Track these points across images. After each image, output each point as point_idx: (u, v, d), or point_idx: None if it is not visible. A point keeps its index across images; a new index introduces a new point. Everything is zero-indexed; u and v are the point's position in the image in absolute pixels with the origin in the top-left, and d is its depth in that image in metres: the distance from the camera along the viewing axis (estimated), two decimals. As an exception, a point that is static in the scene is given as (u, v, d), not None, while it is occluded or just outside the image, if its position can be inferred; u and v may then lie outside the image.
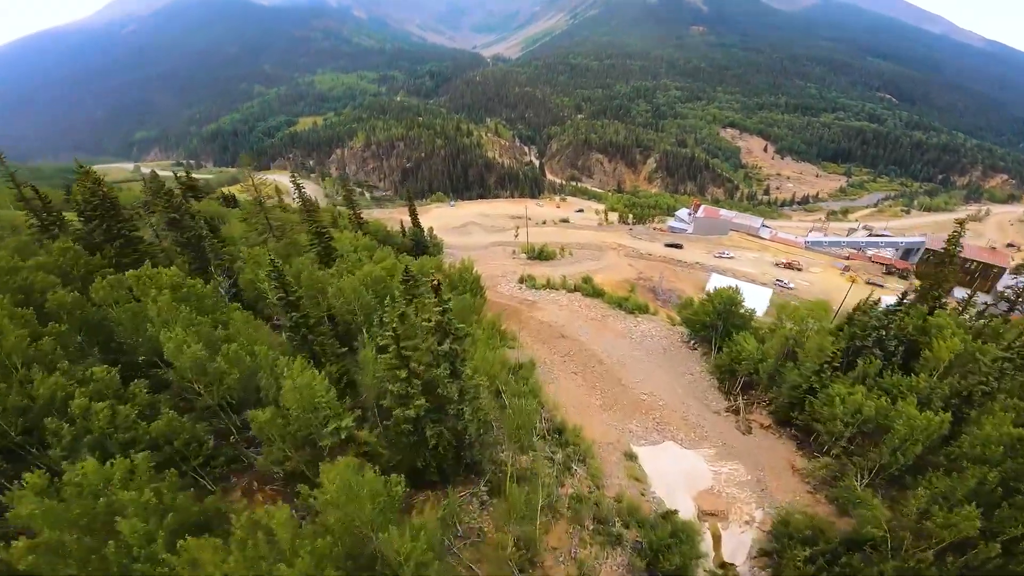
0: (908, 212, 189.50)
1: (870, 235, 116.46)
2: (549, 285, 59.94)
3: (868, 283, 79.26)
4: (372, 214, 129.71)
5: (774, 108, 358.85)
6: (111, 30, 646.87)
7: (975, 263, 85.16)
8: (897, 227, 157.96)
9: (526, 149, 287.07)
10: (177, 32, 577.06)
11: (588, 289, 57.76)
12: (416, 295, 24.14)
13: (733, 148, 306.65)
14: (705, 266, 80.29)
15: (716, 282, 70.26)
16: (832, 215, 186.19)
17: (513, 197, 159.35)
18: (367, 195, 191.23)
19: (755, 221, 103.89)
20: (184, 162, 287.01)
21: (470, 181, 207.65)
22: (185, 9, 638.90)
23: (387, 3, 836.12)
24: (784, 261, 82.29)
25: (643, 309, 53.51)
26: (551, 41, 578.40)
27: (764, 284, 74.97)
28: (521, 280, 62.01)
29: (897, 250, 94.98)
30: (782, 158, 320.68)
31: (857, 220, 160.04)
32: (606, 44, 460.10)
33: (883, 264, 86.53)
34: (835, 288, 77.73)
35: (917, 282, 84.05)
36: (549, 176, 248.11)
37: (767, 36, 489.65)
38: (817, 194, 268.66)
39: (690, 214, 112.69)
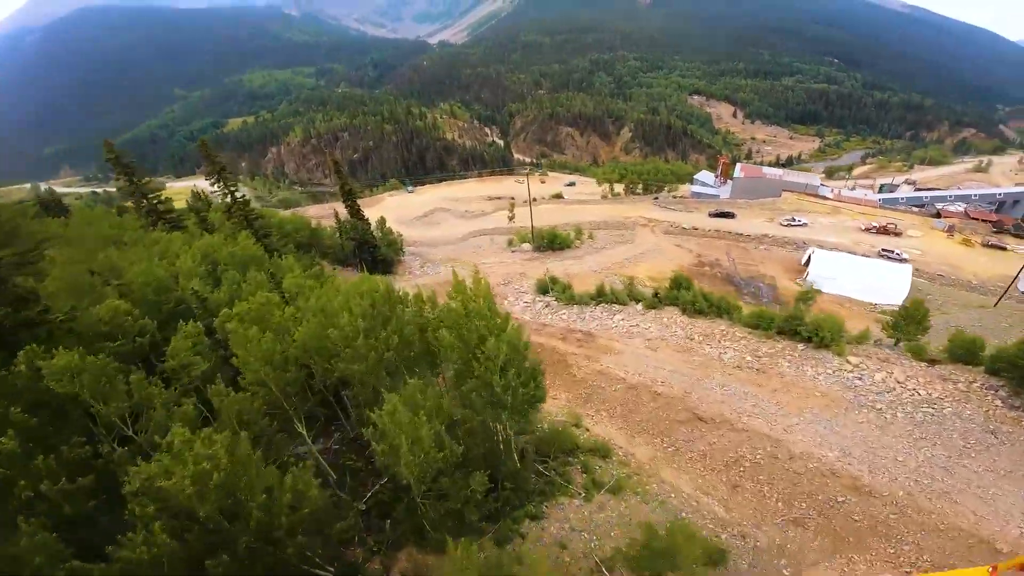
0: (911, 167, 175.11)
1: (916, 190, 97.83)
2: (602, 296, 34.42)
3: (987, 246, 58.45)
4: (307, 211, 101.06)
5: (736, 74, 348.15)
6: (12, 42, 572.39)
7: None
8: (920, 180, 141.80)
9: (487, 130, 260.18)
10: (85, 40, 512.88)
11: (688, 301, 32.14)
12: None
13: (703, 115, 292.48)
14: (777, 239, 57.29)
15: (822, 261, 46.96)
16: (837, 173, 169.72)
17: (482, 177, 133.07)
18: (300, 190, 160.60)
19: (813, 179, 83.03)
20: (98, 176, 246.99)
21: (428, 166, 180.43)
22: (92, 16, 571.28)
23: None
24: (876, 224, 60.57)
25: (834, 329, 27.45)
26: (498, 24, 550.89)
27: (869, 256, 52.50)
28: (543, 290, 36.44)
29: (992, 204, 76.40)
30: (752, 122, 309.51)
31: (892, 177, 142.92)
32: (556, 20, 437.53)
33: (987, 221, 66.26)
34: (956, 256, 56.64)
35: None
36: (517, 155, 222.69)
37: (713, 5, 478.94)
38: (799, 155, 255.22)
39: (717, 176, 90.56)
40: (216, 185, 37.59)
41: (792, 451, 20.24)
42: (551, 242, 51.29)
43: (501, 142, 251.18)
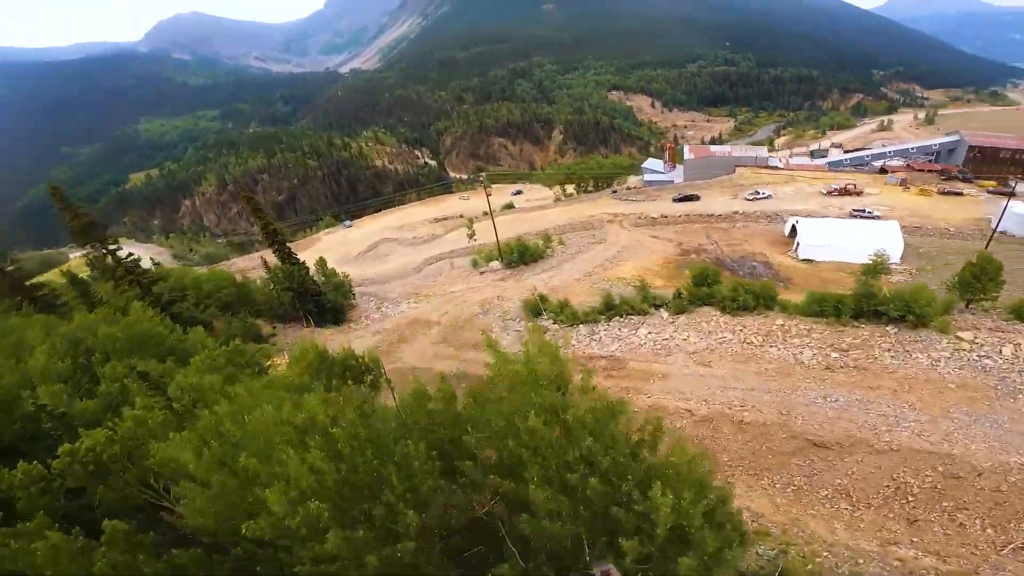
0: (823, 133, 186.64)
1: (844, 152, 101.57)
2: (612, 307, 28.56)
3: (943, 193, 59.37)
4: (234, 264, 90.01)
5: (646, 66, 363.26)
6: None
7: None
8: (843, 144, 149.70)
9: (417, 152, 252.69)
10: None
11: (728, 296, 26.84)
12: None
13: (625, 108, 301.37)
14: (749, 214, 54.92)
15: (809, 230, 44.28)
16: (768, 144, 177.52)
17: (422, 199, 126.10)
18: (223, 242, 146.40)
19: (761, 151, 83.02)
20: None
21: (362, 196, 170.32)
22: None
23: (216, 42, 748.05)
24: (837, 187, 60.09)
25: (929, 302, 22.79)
26: (409, 46, 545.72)
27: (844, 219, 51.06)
28: (534, 312, 30.32)
29: (930, 155, 79.21)
30: (670, 110, 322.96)
31: (818, 143, 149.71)
32: (467, 34, 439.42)
33: (933, 171, 68.05)
34: (921, 206, 56.73)
35: (986, 183, 66.49)
36: (452, 173, 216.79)
37: (610, 3, 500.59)
38: (719, 135, 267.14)
39: (666, 162, 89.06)
40: (89, 247, 28.57)
41: (976, 465, 15.60)
42: (521, 255, 45.45)
43: (434, 162, 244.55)
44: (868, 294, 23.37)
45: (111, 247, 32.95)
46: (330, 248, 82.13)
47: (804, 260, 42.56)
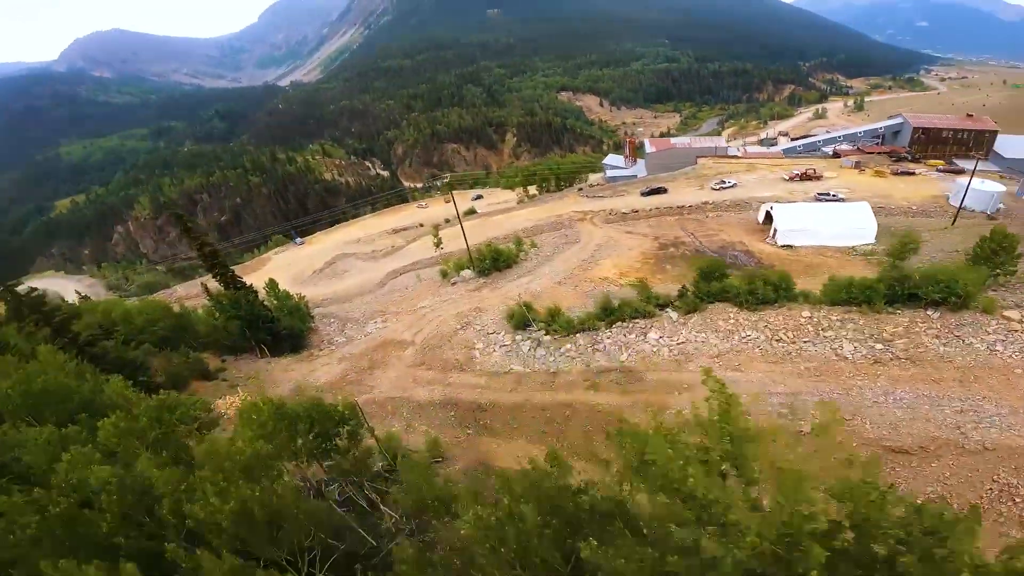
0: (765, 123, 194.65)
1: (792, 139, 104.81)
2: (611, 311, 25.48)
3: (897, 174, 61.22)
4: (175, 292, 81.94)
5: (592, 66, 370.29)
6: None
7: (967, 132, 73.80)
8: (788, 131, 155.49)
9: (368, 163, 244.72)
10: None
11: (745, 291, 24.21)
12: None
13: (575, 108, 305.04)
14: (719, 203, 54.33)
15: (784, 215, 43.52)
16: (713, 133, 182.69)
17: (377, 210, 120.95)
18: (162, 269, 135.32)
19: (719, 141, 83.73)
20: None
21: (312, 211, 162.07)
22: None
23: (140, 58, 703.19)
24: (798, 172, 60.76)
25: (973, 281, 21.11)
26: (352, 56, 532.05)
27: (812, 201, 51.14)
28: (521, 323, 27.06)
29: (876, 138, 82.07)
30: (618, 108, 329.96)
31: (764, 133, 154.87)
32: (413, 42, 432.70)
33: (883, 153, 70.35)
34: (880, 187, 58.22)
35: (934, 162, 69.16)
36: (406, 182, 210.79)
37: (552, 6, 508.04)
38: (668, 130, 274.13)
39: (626, 157, 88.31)
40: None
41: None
42: (495, 261, 42.28)
43: (386, 173, 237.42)
44: (901, 277, 21.71)
45: (9, 283, 27.45)
46: (281, 268, 76.18)
47: (784, 246, 41.74)
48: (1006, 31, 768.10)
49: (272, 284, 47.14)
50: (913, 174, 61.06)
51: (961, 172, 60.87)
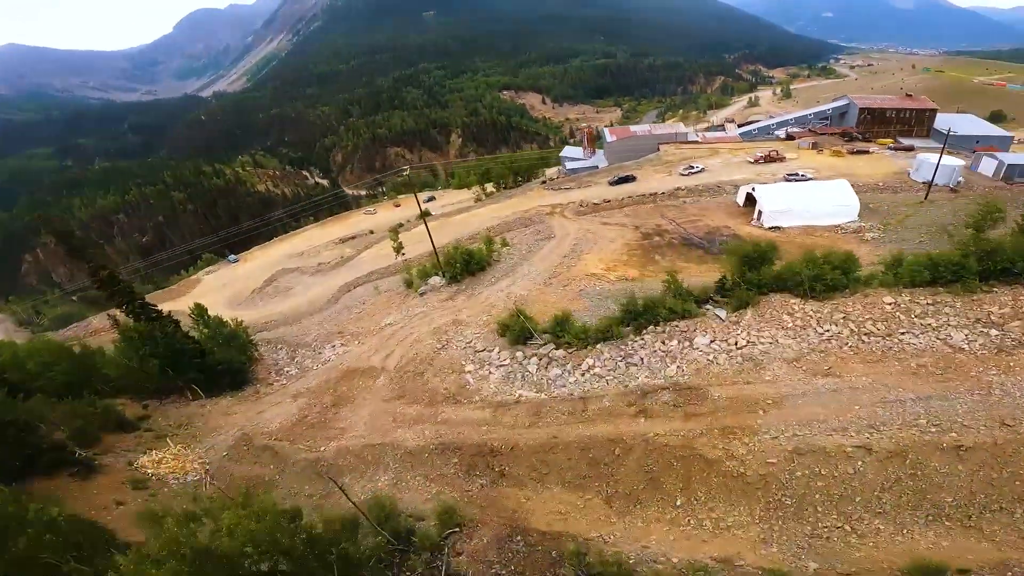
0: (705, 113, 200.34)
1: (738, 126, 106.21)
2: (637, 314, 20.34)
3: (853, 153, 61.88)
4: (90, 324, 70.23)
5: (532, 63, 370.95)
6: None
7: (909, 111, 76.16)
8: (730, 119, 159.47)
9: (305, 172, 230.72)
10: None
11: (809, 278, 20.06)
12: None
13: (518, 106, 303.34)
14: (692, 189, 52.06)
15: (768, 197, 41.30)
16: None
17: (320, 220, 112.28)
18: (77, 300, 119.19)
19: (679, 127, 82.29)
20: None
21: (247, 226, 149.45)
22: None
23: (39, 72, 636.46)
24: (763, 154, 59.84)
25: None
26: (281, 64, 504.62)
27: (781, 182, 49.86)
28: (520, 337, 22.08)
29: (825, 119, 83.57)
30: (560, 105, 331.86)
31: (709, 121, 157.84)
32: (346, 47, 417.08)
33: (835, 134, 71.31)
34: (842, 166, 58.10)
35: (884, 140, 70.62)
36: (348, 190, 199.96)
37: (487, 6, 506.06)
38: (610, 124, 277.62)
39: (585, 148, 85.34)
40: None
41: None
42: (466, 264, 37.14)
43: (326, 181, 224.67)
44: (992, 250, 18.78)
45: None
46: (214, 290, 67.19)
47: (771, 228, 39.45)
48: (901, 19, 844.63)
49: (199, 310, 39.46)
50: (868, 152, 62.03)
51: (911, 149, 62.33)
